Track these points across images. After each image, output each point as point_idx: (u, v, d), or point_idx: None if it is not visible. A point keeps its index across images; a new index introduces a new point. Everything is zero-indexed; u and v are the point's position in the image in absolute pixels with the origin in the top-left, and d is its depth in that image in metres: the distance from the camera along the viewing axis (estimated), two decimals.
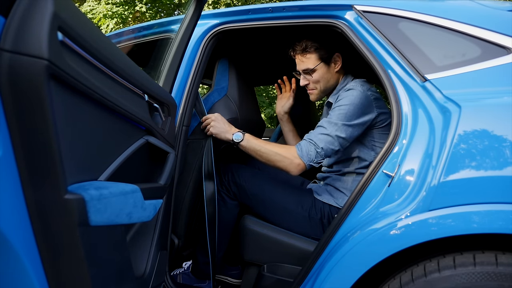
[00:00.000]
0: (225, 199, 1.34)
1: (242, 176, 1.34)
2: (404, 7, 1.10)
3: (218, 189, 1.33)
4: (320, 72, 1.37)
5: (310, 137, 1.24)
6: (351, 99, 1.24)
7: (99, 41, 0.65)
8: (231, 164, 1.37)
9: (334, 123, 1.22)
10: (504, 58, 0.95)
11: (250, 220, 1.34)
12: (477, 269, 0.81)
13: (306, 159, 1.22)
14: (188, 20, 1.12)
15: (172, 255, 1.35)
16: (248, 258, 1.32)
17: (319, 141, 1.22)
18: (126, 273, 0.76)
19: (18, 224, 0.52)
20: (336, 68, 1.39)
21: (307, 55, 1.37)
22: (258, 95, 7.35)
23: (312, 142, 1.22)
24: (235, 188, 1.33)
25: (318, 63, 1.36)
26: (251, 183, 1.33)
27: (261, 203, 1.33)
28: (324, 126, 1.24)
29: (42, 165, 0.52)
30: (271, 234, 1.30)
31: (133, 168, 0.83)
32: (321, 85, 1.40)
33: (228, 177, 1.34)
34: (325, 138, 1.22)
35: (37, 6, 0.50)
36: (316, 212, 1.31)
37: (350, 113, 1.22)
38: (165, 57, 1.15)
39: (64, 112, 0.55)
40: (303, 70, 1.39)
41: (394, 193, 0.97)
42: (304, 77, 1.41)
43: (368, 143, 1.31)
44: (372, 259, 0.91)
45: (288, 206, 1.31)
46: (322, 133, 1.23)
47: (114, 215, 0.64)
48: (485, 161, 0.84)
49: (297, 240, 1.28)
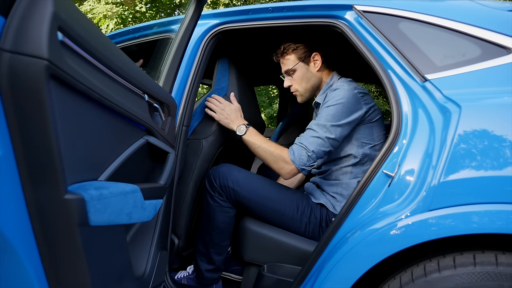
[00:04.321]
0: (219, 203, 1.30)
1: (233, 180, 1.29)
2: (404, 7, 1.10)
3: (210, 194, 1.30)
4: (300, 71, 1.43)
5: (301, 141, 1.26)
6: (337, 99, 1.26)
7: (99, 41, 0.65)
8: (220, 167, 1.33)
9: (323, 125, 1.25)
10: (504, 58, 0.95)
11: (249, 220, 1.34)
12: (477, 269, 0.81)
13: (298, 163, 1.24)
14: (188, 20, 1.12)
15: (172, 255, 1.35)
16: (247, 258, 1.32)
17: (309, 144, 1.24)
18: (126, 273, 0.76)
19: (18, 224, 0.52)
20: (316, 67, 1.43)
21: (286, 57, 1.43)
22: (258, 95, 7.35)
23: (303, 146, 1.24)
24: (227, 191, 1.29)
25: (296, 62, 1.42)
26: (244, 187, 1.29)
27: (256, 207, 1.30)
28: (314, 129, 1.26)
29: (42, 165, 0.52)
30: (270, 234, 1.30)
31: (133, 168, 0.83)
32: (303, 85, 1.44)
33: (218, 182, 1.29)
34: (315, 140, 1.24)
35: (37, 6, 0.50)
36: (316, 216, 1.31)
37: (338, 113, 1.25)
38: (165, 57, 1.15)
39: (64, 112, 0.55)
40: (285, 71, 1.45)
41: (394, 193, 0.97)
42: (287, 79, 1.47)
43: (357, 141, 1.32)
44: (372, 259, 0.91)
45: (284, 211, 1.29)
46: (312, 136, 1.25)
47: (114, 215, 0.64)
48: (485, 161, 0.84)
49: (296, 240, 1.28)
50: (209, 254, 1.32)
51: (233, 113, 1.39)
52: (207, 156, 1.42)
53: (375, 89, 8.44)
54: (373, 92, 8.43)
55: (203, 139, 1.42)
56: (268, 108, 7.40)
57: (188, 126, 1.32)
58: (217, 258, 1.33)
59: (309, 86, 1.44)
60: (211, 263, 1.33)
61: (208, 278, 1.34)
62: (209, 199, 1.31)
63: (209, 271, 1.34)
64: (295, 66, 1.42)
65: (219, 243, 1.32)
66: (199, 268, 1.34)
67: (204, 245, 1.33)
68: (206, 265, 1.33)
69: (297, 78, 1.43)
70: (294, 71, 1.43)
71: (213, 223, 1.30)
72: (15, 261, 0.51)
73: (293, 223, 1.30)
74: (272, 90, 8.12)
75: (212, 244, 1.32)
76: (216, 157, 1.49)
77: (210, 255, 1.32)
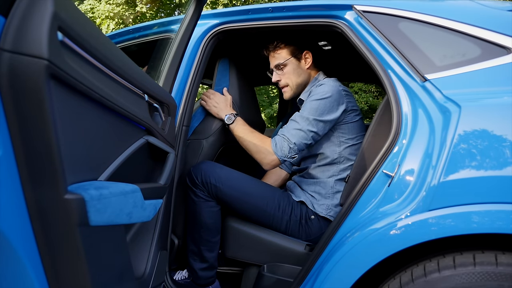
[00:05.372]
0: (203, 198, 1.29)
1: (215, 177, 1.28)
2: (404, 7, 1.11)
3: (193, 190, 1.29)
4: (291, 66, 1.45)
5: (283, 132, 1.29)
6: (323, 94, 1.29)
7: (99, 41, 0.65)
8: (201, 164, 1.32)
9: (305, 118, 1.28)
10: (504, 58, 0.95)
11: (230, 218, 1.36)
12: (477, 269, 0.81)
13: (280, 154, 1.27)
14: (188, 20, 1.12)
15: (172, 255, 1.35)
16: (229, 254, 1.34)
17: (291, 136, 1.27)
18: (126, 273, 0.76)
19: (18, 224, 0.52)
20: (306, 65, 1.46)
21: (278, 51, 1.45)
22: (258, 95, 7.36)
23: (285, 138, 1.27)
24: (209, 188, 1.28)
25: (288, 57, 1.44)
26: (226, 184, 1.28)
27: (238, 203, 1.30)
28: (297, 121, 1.29)
29: (42, 165, 0.52)
30: (251, 231, 1.32)
31: (133, 168, 0.83)
32: (292, 80, 1.46)
33: (200, 178, 1.29)
34: (298, 133, 1.27)
35: (37, 6, 0.50)
36: (296, 214, 1.32)
37: (321, 108, 1.27)
38: (165, 57, 1.15)
39: (64, 112, 0.55)
40: (275, 65, 1.47)
41: (394, 193, 0.97)
42: (276, 73, 1.48)
43: (336, 139, 1.34)
44: (372, 259, 0.91)
45: (266, 208, 1.30)
46: (294, 128, 1.28)
47: (114, 215, 0.64)
48: (485, 161, 0.84)
49: (276, 237, 1.30)
50: (201, 252, 1.32)
51: (222, 102, 1.43)
52: (207, 156, 1.43)
53: (375, 89, 8.44)
54: (373, 92, 8.43)
55: (203, 139, 1.42)
56: (268, 108, 7.40)
57: (188, 126, 1.32)
58: (209, 255, 1.32)
59: (299, 81, 1.47)
60: (204, 261, 1.33)
61: (203, 277, 1.34)
62: (192, 195, 1.30)
63: (203, 270, 1.33)
64: (287, 61, 1.44)
65: (209, 239, 1.32)
66: (193, 268, 1.34)
67: (195, 243, 1.33)
68: (199, 264, 1.33)
69: (287, 72, 1.46)
70: (285, 65, 1.45)
71: (199, 219, 1.30)
72: (15, 261, 0.51)
73: (274, 220, 1.31)
74: (272, 90, 8.13)
75: (202, 241, 1.31)
76: (216, 157, 1.49)
77: (201, 253, 1.32)
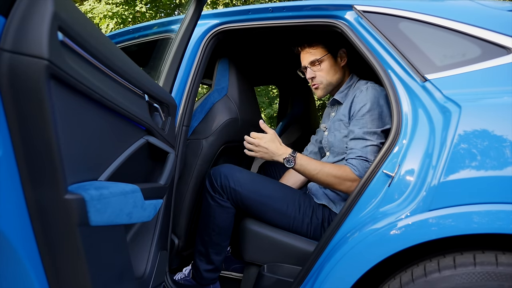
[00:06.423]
0: (220, 203, 1.29)
1: (234, 180, 1.28)
2: (404, 7, 1.10)
3: (211, 194, 1.29)
4: (327, 63, 1.39)
5: (358, 154, 1.22)
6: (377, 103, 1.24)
7: (99, 41, 0.65)
8: (221, 167, 1.31)
9: (373, 132, 1.22)
10: (504, 58, 0.95)
11: (249, 221, 1.34)
12: (477, 269, 0.81)
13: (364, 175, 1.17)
14: (188, 20, 1.12)
15: (172, 255, 1.35)
16: (248, 258, 1.32)
17: (368, 154, 1.21)
18: (126, 273, 0.76)
19: (18, 224, 0.52)
20: (342, 63, 1.42)
21: (314, 46, 1.39)
22: (258, 95, 7.36)
23: (364, 158, 1.21)
24: (229, 192, 1.28)
25: (325, 53, 1.39)
26: (245, 188, 1.28)
27: (258, 207, 1.29)
28: (366, 138, 1.22)
29: (42, 165, 0.52)
30: (271, 234, 1.30)
31: (133, 168, 0.83)
32: (328, 77, 1.40)
33: (220, 182, 1.28)
34: (373, 149, 1.21)
35: (37, 6, 0.50)
36: (317, 217, 1.30)
37: (383, 117, 1.23)
38: (165, 57, 1.15)
39: (64, 112, 0.55)
40: (311, 61, 1.40)
41: (394, 193, 0.97)
42: (311, 70, 1.41)
43: None
44: (372, 259, 0.91)
45: (286, 211, 1.29)
46: (367, 145, 1.22)
47: (114, 215, 0.64)
48: (485, 161, 0.84)
49: (297, 240, 1.28)
50: (209, 255, 1.32)
51: (271, 145, 1.27)
52: (207, 156, 1.43)
53: None
54: None
55: (203, 139, 1.42)
56: (268, 108, 7.40)
57: (188, 126, 1.32)
58: (216, 258, 1.33)
59: (334, 80, 1.41)
60: (210, 263, 1.33)
61: (206, 278, 1.34)
62: (209, 199, 1.30)
63: (208, 271, 1.34)
64: (324, 57, 1.38)
65: (219, 243, 1.32)
66: (198, 268, 1.34)
67: (204, 245, 1.33)
68: (205, 265, 1.33)
69: (324, 69, 1.39)
70: (321, 62, 1.39)
71: (213, 223, 1.30)
72: (15, 260, 0.51)
73: (294, 223, 1.29)
74: (272, 90, 8.12)
75: (211, 244, 1.32)
76: (216, 157, 1.49)
77: (209, 255, 1.32)
